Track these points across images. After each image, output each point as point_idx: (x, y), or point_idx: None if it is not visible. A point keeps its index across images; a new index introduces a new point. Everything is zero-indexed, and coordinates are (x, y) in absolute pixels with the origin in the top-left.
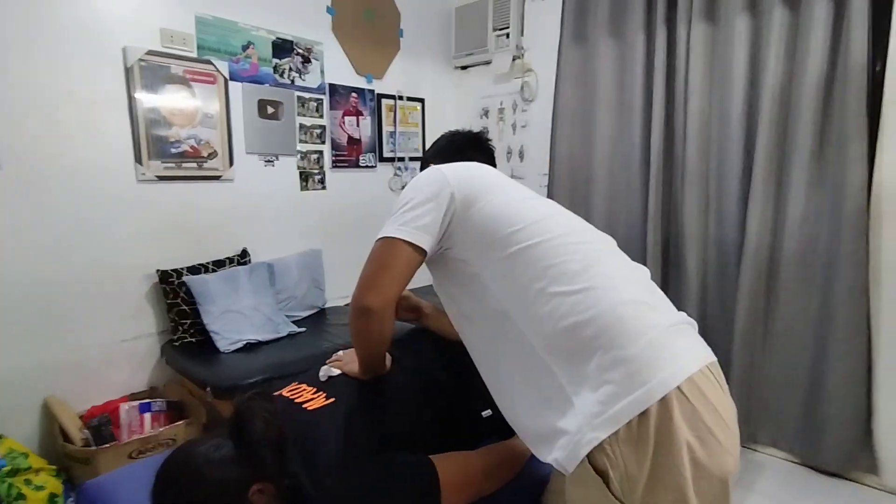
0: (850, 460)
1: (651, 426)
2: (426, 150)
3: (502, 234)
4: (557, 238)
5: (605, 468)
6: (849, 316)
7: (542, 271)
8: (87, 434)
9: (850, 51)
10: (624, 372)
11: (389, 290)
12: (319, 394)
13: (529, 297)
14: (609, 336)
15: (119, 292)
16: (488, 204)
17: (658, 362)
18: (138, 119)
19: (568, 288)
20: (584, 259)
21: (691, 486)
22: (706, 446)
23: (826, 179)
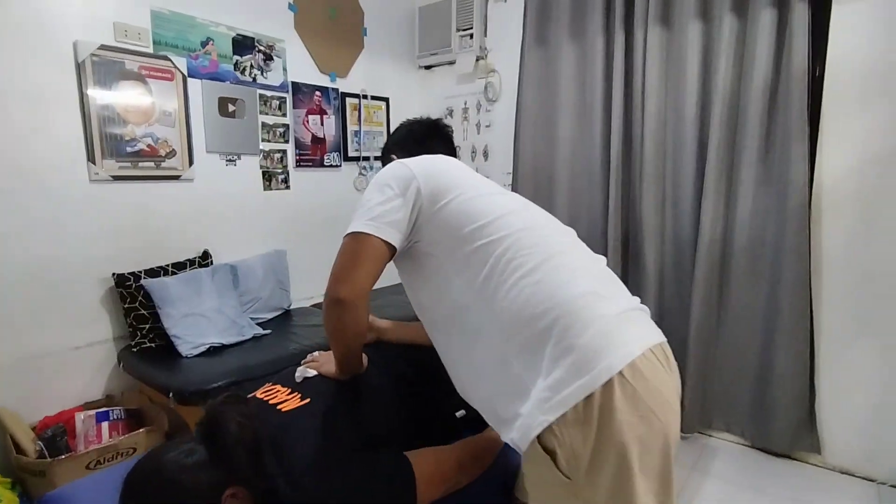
0: (796, 441)
1: (595, 409)
2: (386, 142)
3: (468, 230)
4: (518, 233)
5: (554, 448)
6: (793, 305)
7: (503, 266)
8: (41, 445)
9: (793, 57)
10: (572, 360)
11: (362, 283)
12: (294, 395)
13: (489, 291)
14: (561, 327)
15: (72, 297)
16: (455, 200)
17: (603, 350)
18: (91, 116)
19: (525, 281)
20: (543, 253)
21: (635, 462)
22: (646, 423)
23: (772, 178)
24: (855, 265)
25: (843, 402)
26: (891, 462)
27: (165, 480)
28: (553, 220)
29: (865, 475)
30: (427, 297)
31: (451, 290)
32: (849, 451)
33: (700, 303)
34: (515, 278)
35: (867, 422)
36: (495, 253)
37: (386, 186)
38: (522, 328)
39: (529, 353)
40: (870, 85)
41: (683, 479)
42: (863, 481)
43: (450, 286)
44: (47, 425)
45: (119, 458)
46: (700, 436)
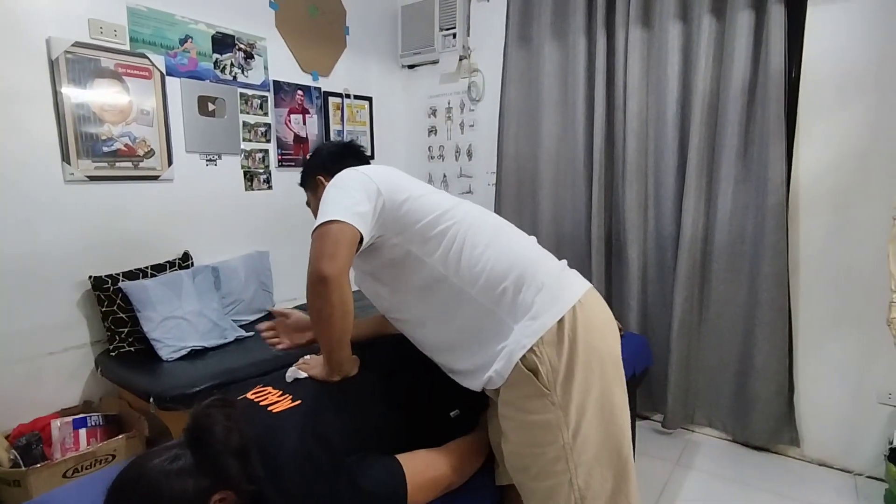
0: (776, 435)
1: (566, 329)
2: (306, 166)
3: (427, 220)
4: (466, 217)
5: (535, 366)
6: (772, 300)
7: (465, 242)
8: (15, 454)
9: (770, 58)
10: (544, 295)
11: (343, 261)
12: (285, 396)
13: (463, 261)
14: (530, 275)
15: (47, 301)
16: (410, 198)
17: (564, 287)
18: (65, 115)
19: (489, 251)
20: (491, 230)
21: (596, 368)
22: (602, 340)
23: (750, 176)
24: (831, 261)
25: (821, 395)
26: (867, 454)
27: (151, 487)
28: (486, 211)
29: (843, 467)
30: (401, 280)
31: (426, 268)
32: (827, 444)
33: (682, 299)
34: (479, 251)
35: (844, 415)
36: (456, 234)
37: (348, 187)
38: (499, 283)
39: (509, 299)
40: (845, 86)
41: (667, 473)
42: (841, 473)
43: (423, 265)
44: (22, 433)
45: (98, 465)
46: (683, 431)
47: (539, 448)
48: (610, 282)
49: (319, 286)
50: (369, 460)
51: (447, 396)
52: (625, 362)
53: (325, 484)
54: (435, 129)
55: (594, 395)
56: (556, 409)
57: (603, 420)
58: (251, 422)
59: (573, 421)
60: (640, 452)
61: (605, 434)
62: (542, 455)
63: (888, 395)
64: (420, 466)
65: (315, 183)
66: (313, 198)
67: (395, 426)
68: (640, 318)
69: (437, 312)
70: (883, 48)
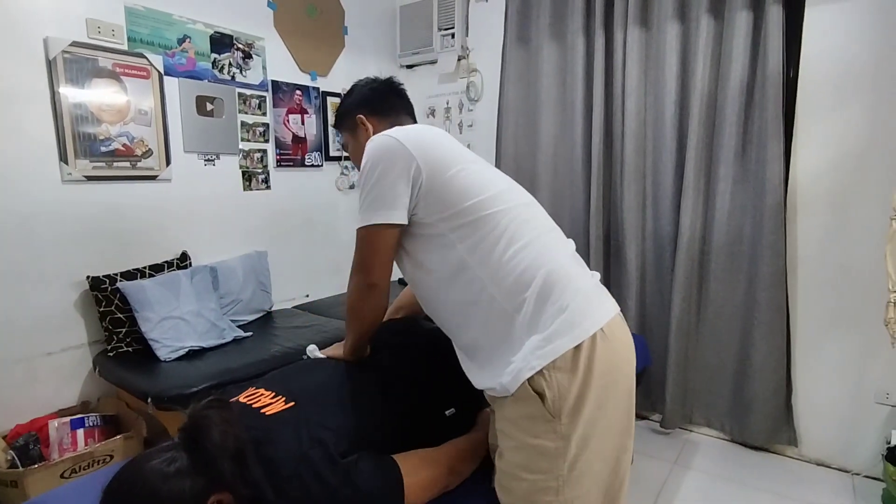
0: (774, 435)
1: (581, 357)
2: (346, 102)
3: (469, 203)
4: (515, 209)
5: (542, 389)
6: (770, 300)
7: (504, 235)
8: (13, 455)
9: (768, 59)
10: (565, 317)
11: (387, 268)
12: (278, 398)
13: (493, 256)
14: (557, 291)
15: (44, 301)
16: (455, 175)
17: (588, 310)
18: (63, 115)
19: (525, 252)
20: (535, 228)
21: (608, 402)
22: (619, 372)
23: (748, 176)
24: (829, 261)
25: (819, 395)
26: (865, 454)
27: (147, 489)
28: (533, 199)
29: (841, 466)
30: (427, 262)
31: (453, 253)
32: (825, 444)
33: (680, 299)
34: (516, 248)
35: (842, 415)
36: (497, 224)
37: (387, 171)
38: (524, 290)
39: (529, 310)
40: (842, 86)
41: (665, 473)
42: (838, 472)
43: (452, 251)
44: (19, 434)
45: (95, 465)
46: (681, 431)
47: (532, 475)
48: (608, 282)
49: (367, 292)
50: (365, 461)
51: (443, 395)
52: None
53: (322, 485)
54: None
55: (600, 430)
56: (557, 438)
57: (603, 457)
58: (245, 425)
59: (573, 453)
60: (639, 452)
61: (603, 472)
62: (534, 483)
63: (886, 394)
64: (416, 467)
65: (354, 122)
66: (353, 140)
67: (391, 425)
68: (639, 318)
69: (455, 302)
70: (881, 48)
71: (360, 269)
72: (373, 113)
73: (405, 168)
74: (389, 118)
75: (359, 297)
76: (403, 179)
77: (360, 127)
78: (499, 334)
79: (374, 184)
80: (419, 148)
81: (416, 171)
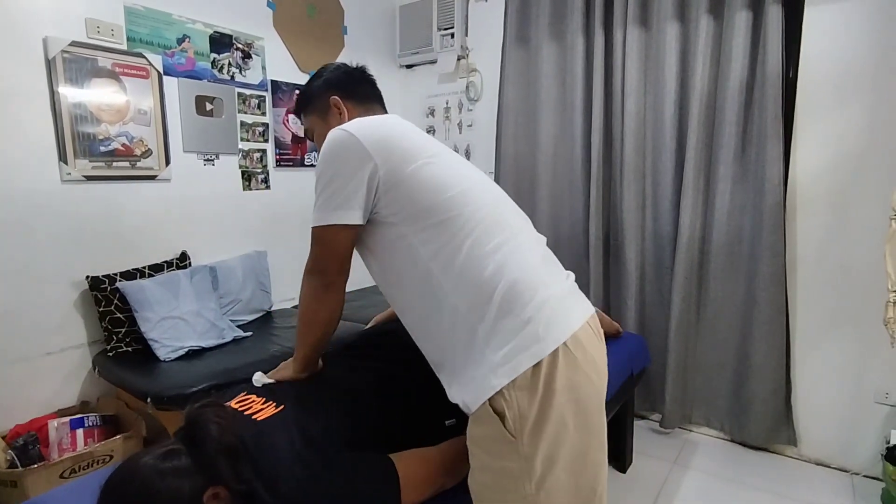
0: (773, 435)
1: (541, 375)
2: (317, 79)
3: (432, 202)
4: (483, 209)
5: (503, 409)
6: (769, 300)
7: (469, 240)
8: (12, 455)
9: (767, 59)
10: (526, 331)
11: (344, 268)
12: (269, 403)
13: (458, 263)
14: (523, 300)
15: (43, 301)
16: (417, 171)
17: (551, 324)
18: (62, 115)
19: (490, 258)
20: (504, 231)
21: (571, 420)
22: (584, 386)
23: (748, 176)
24: (828, 261)
25: (819, 395)
26: (864, 453)
27: (144, 486)
28: (506, 197)
29: (840, 466)
30: (389, 265)
31: (416, 258)
32: (824, 444)
33: (680, 299)
34: (480, 254)
35: (841, 414)
36: (461, 227)
37: (339, 164)
38: (486, 301)
39: (491, 323)
40: (842, 86)
41: (665, 473)
42: (838, 472)
43: (413, 254)
44: (18, 434)
45: (95, 465)
46: (681, 431)
47: (499, 493)
48: (608, 282)
49: (323, 292)
50: (361, 459)
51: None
52: (623, 362)
53: (317, 484)
54: (433, 129)
55: (567, 447)
56: (519, 459)
57: (574, 473)
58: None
59: (538, 473)
60: (638, 452)
61: (575, 488)
62: (503, 501)
63: (885, 394)
64: (412, 466)
65: (326, 105)
66: (321, 124)
67: (388, 430)
68: (638, 318)
69: (420, 310)
70: (880, 48)
71: (316, 269)
72: (348, 97)
73: (360, 165)
74: (364, 105)
75: (314, 299)
76: (359, 178)
77: (332, 110)
78: (462, 347)
79: (329, 182)
80: (376, 142)
81: (373, 168)
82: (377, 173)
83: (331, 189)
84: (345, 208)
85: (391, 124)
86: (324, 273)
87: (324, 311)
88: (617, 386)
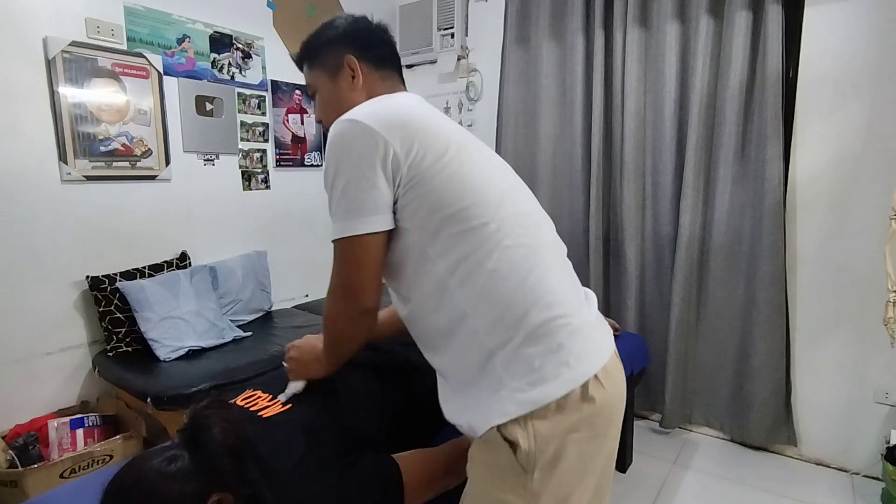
0: (773, 434)
1: (570, 405)
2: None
3: (455, 210)
4: (516, 218)
5: (516, 438)
6: (769, 300)
7: (495, 252)
8: (12, 455)
9: (767, 59)
10: (559, 358)
11: (378, 285)
12: (276, 401)
13: (478, 278)
14: (553, 329)
15: (43, 301)
16: (442, 168)
17: (585, 352)
18: (62, 115)
19: (516, 275)
20: (533, 244)
21: (591, 457)
22: (608, 421)
23: (748, 176)
24: (828, 260)
25: (818, 395)
26: (864, 453)
27: (147, 489)
28: (537, 203)
29: (840, 466)
30: (395, 268)
31: (432, 269)
32: (824, 444)
33: (680, 299)
34: (506, 270)
35: (841, 414)
36: (488, 238)
37: (355, 162)
38: (514, 327)
39: (513, 350)
40: (842, 85)
41: (664, 472)
42: (838, 472)
43: (430, 266)
44: (18, 434)
45: (95, 465)
46: (681, 430)
47: None
48: (608, 281)
49: (359, 319)
50: (364, 460)
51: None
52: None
53: (321, 485)
54: None
55: (579, 486)
56: (525, 495)
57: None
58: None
59: None
60: (638, 452)
61: None
62: None
63: (885, 394)
64: (416, 467)
65: (338, 63)
66: (330, 85)
67: (393, 429)
68: (638, 318)
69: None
70: (880, 48)
71: (346, 291)
72: (366, 58)
73: (379, 160)
74: (381, 71)
75: (348, 325)
76: (380, 174)
77: (344, 70)
78: (474, 368)
79: (347, 185)
80: (393, 129)
81: (395, 161)
82: (400, 166)
83: (351, 192)
84: (371, 213)
85: (409, 107)
86: (357, 295)
87: (359, 337)
88: None
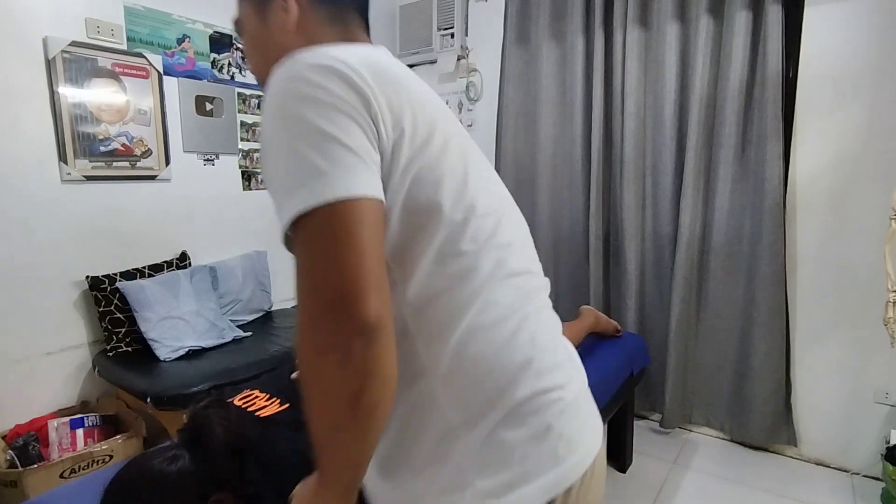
0: (773, 434)
1: None
2: None
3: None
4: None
5: None
6: (769, 300)
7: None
8: (12, 455)
9: (767, 59)
10: (543, 449)
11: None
12: (273, 400)
13: (453, 333)
14: (542, 405)
15: (43, 301)
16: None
17: (574, 440)
18: (62, 115)
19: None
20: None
21: None
22: None
23: (748, 176)
24: (828, 260)
25: (818, 395)
26: (864, 453)
27: (148, 489)
28: (526, 228)
29: (840, 466)
30: None
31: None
32: (824, 444)
33: (679, 299)
34: (492, 324)
35: (841, 414)
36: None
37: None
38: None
39: (486, 433)
40: (842, 86)
41: (664, 472)
42: (838, 472)
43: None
44: (18, 434)
45: (95, 465)
46: (681, 430)
47: None
48: (608, 282)
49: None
50: None
51: None
52: (623, 362)
53: None
54: None
55: None
56: None
57: None
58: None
59: None
60: (638, 452)
61: None
62: None
63: (885, 394)
64: None
65: None
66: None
67: None
68: (638, 318)
69: None
70: (880, 48)
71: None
72: None
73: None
74: (335, 9)
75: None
76: (362, 129)
77: (276, 3)
78: (423, 446)
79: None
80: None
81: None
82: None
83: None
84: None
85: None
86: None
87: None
88: (617, 386)
